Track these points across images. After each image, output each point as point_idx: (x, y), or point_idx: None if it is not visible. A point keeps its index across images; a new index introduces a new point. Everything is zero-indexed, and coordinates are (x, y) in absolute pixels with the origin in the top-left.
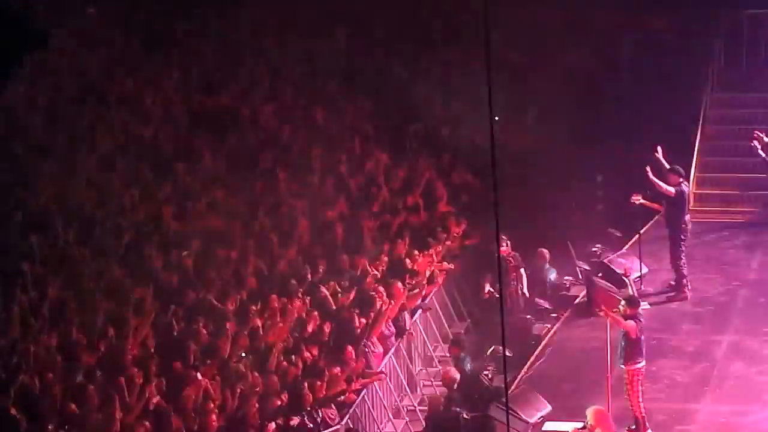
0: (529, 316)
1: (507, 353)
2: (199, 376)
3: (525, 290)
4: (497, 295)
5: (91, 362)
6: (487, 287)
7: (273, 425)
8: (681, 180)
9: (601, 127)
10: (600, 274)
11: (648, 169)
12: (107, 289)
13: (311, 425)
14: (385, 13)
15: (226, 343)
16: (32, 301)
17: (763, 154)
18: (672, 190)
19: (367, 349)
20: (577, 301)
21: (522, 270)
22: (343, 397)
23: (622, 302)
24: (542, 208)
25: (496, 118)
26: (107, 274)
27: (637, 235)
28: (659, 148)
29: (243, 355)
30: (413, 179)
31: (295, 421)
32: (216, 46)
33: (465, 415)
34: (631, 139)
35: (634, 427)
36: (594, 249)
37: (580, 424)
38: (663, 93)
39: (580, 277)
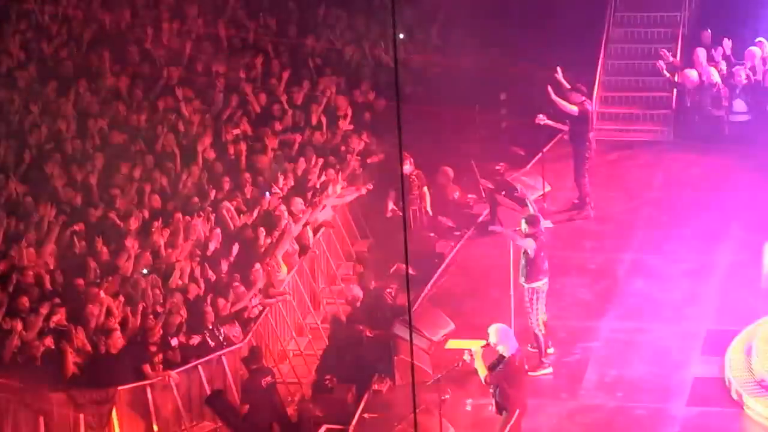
0: (432, 234)
1: (410, 271)
2: (101, 293)
3: (428, 208)
4: (400, 213)
5: None
6: (391, 205)
7: (175, 341)
8: (583, 99)
9: (506, 45)
10: (503, 193)
11: (550, 88)
12: (8, 207)
13: (214, 343)
14: None
15: (128, 260)
16: None
17: (667, 74)
18: (574, 109)
19: (270, 268)
20: (480, 219)
21: (425, 188)
22: (246, 315)
23: (523, 220)
24: (446, 127)
25: (401, 36)
26: (8, 191)
27: (541, 154)
28: (559, 69)
29: (145, 272)
30: (316, 97)
31: (197, 339)
32: None
33: (368, 333)
34: (536, 57)
35: (536, 344)
36: (497, 167)
37: (482, 342)
38: (566, 12)
39: (484, 195)
